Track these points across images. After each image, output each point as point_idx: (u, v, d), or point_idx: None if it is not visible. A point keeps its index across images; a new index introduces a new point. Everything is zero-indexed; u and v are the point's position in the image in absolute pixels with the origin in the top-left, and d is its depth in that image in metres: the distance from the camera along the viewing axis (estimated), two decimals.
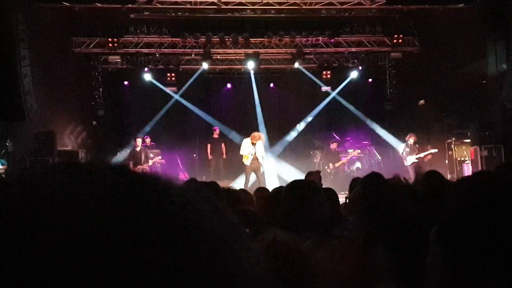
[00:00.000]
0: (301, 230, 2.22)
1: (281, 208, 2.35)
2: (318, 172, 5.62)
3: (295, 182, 2.54)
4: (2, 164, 8.90)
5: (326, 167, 12.52)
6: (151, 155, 11.81)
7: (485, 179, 0.91)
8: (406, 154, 11.63)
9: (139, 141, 11.68)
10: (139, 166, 10.93)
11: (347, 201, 3.58)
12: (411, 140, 11.66)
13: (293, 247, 0.93)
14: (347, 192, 4.54)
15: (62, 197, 0.31)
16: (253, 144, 10.82)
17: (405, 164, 11.67)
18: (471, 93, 11.35)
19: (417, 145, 11.75)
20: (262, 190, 4.42)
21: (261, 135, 11.25)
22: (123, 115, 14.93)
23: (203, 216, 0.34)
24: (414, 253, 1.44)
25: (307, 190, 2.35)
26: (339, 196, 3.66)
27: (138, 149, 11.46)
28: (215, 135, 13.12)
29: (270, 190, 3.87)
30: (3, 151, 8.97)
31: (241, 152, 10.94)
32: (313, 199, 2.29)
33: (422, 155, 11.55)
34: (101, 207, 0.31)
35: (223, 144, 13.04)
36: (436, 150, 11.69)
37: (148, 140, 12.54)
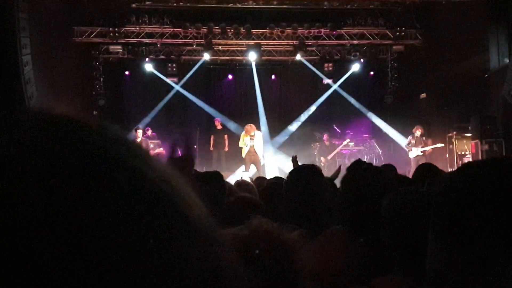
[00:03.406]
0: (301, 217, 2.19)
1: (284, 192, 2.32)
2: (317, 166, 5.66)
3: (300, 166, 2.55)
4: None
5: (319, 161, 12.51)
6: (152, 146, 11.82)
7: (477, 165, 0.91)
8: (412, 146, 11.58)
9: (140, 132, 11.69)
10: None
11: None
12: (418, 132, 11.58)
13: (276, 237, 0.92)
14: None
15: None
16: (250, 136, 10.93)
17: (409, 156, 11.64)
18: (473, 86, 11.32)
19: (424, 138, 11.66)
20: (261, 179, 4.46)
21: (252, 126, 11.18)
22: (124, 105, 14.93)
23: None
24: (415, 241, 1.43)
25: (311, 173, 2.32)
26: None
27: (138, 140, 11.46)
28: (218, 126, 13.09)
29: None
30: None
31: (239, 144, 11.32)
32: (317, 182, 2.27)
33: (428, 148, 11.47)
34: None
35: (226, 136, 13.00)
36: (442, 145, 11.63)
37: (149, 132, 12.54)
